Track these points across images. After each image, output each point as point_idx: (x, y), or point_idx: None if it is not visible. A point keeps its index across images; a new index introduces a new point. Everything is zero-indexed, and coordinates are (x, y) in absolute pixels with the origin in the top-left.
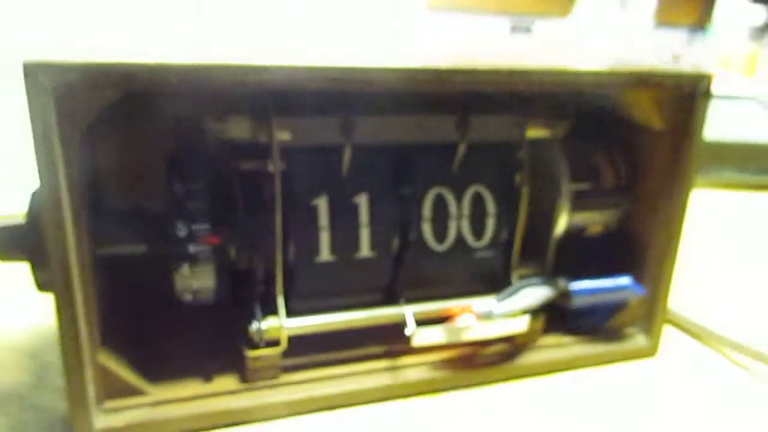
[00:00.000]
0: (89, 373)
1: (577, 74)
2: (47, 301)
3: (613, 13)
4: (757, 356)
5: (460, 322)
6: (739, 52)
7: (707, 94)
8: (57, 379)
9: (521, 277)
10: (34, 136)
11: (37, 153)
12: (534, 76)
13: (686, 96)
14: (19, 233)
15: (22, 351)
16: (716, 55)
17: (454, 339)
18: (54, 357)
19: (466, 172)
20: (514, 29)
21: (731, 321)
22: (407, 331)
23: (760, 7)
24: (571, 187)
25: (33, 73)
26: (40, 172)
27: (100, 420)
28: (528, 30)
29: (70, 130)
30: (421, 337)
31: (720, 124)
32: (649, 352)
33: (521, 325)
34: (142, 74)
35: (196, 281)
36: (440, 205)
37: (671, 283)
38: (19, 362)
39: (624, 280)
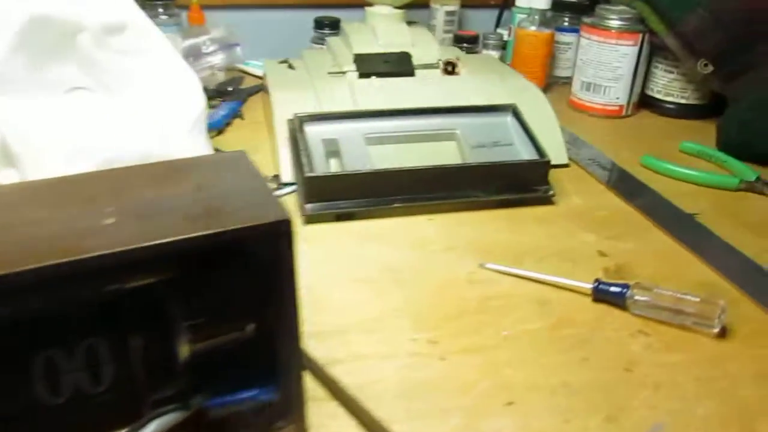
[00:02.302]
0: None
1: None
2: None
3: None
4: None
5: None
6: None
7: (289, 235)
8: None
9: (156, 404)
10: None
11: None
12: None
13: (273, 241)
14: None
15: None
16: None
17: None
18: None
19: (77, 327)
20: (318, 24)
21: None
22: None
23: None
24: (189, 322)
25: None
26: None
27: None
28: (334, 26)
29: None
30: None
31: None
32: None
33: None
34: None
35: None
36: (51, 364)
37: (302, 386)
38: None
39: (254, 391)
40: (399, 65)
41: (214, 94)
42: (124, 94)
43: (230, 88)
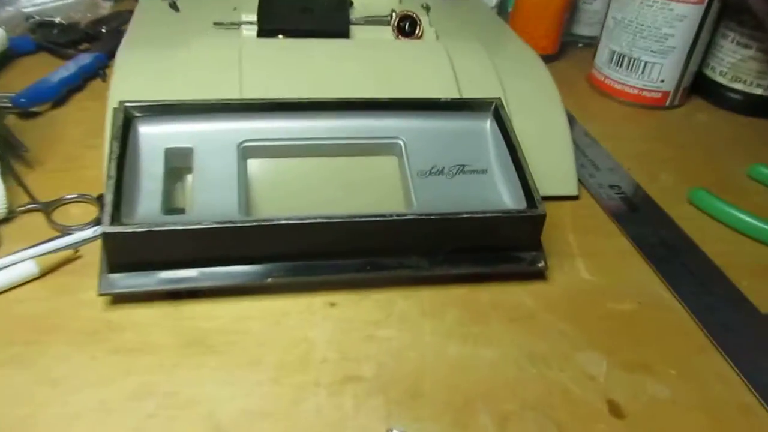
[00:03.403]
0: None
1: None
2: None
3: None
4: None
5: None
6: None
7: None
8: None
9: None
10: None
11: None
12: None
13: None
14: None
15: None
16: None
17: None
18: None
19: None
20: None
21: None
22: None
23: None
24: None
25: None
26: None
27: None
28: None
29: None
30: None
31: None
32: None
33: None
34: None
35: None
36: None
37: None
38: None
39: None
40: (325, 18)
41: (81, 37)
42: None
43: (104, 29)
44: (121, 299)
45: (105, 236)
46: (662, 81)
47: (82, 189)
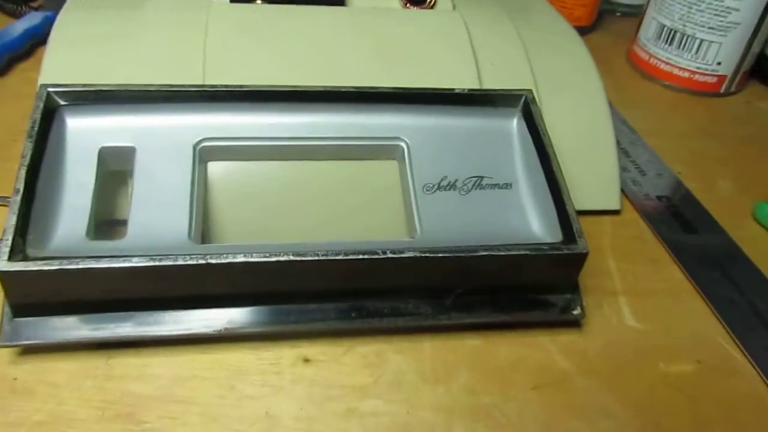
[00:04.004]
0: None
1: None
2: None
3: None
4: None
5: None
6: None
7: None
8: None
9: None
10: None
11: None
12: None
13: None
14: None
15: None
16: None
17: None
18: None
19: None
20: None
21: None
22: None
23: None
24: None
25: None
26: None
27: None
28: None
29: None
30: None
31: None
32: None
33: None
34: None
35: None
36: None
37: None
38: None
39: None
40: None
41: None
42: None
43: None
44: (30, 349)
45: (1, 275)
46: (719, 63)
47: (7, 189)
